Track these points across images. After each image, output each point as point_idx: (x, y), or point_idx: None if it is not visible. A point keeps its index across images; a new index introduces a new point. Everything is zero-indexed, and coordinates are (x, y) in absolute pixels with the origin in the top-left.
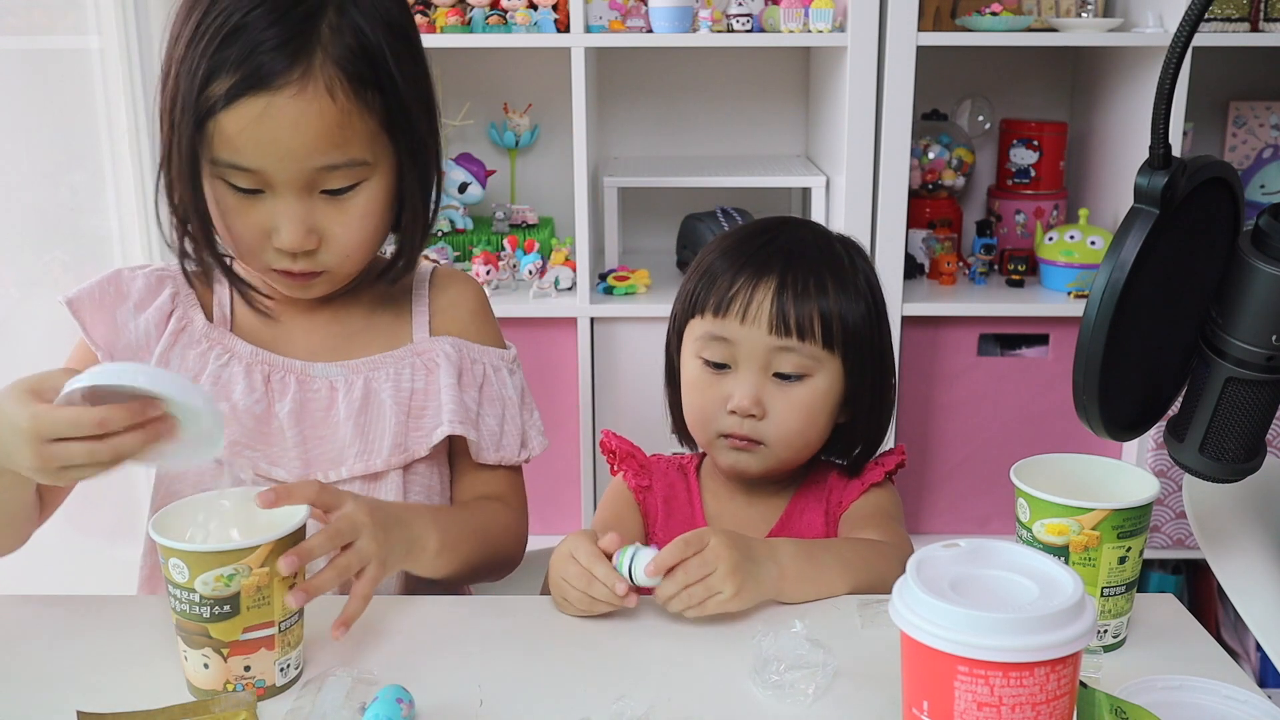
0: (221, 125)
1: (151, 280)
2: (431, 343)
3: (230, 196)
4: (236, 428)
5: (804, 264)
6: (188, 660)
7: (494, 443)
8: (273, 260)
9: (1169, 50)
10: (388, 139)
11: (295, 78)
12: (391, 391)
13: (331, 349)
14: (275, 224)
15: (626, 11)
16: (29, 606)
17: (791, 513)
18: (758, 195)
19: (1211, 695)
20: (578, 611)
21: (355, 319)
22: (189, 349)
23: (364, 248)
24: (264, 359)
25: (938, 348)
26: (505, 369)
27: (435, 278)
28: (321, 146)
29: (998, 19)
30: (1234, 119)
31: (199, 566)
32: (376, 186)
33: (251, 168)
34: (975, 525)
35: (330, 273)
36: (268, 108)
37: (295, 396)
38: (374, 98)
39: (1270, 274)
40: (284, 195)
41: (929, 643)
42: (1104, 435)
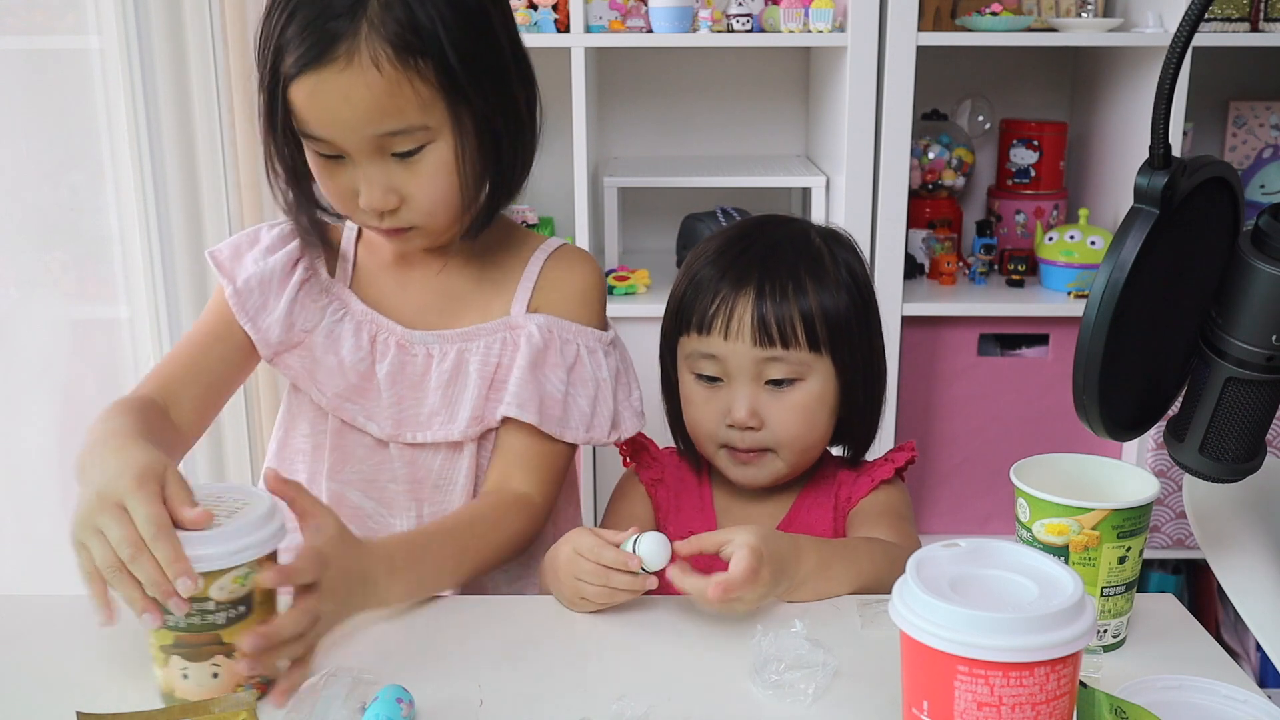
0: (293, 98)
1: (284, 230)
2: (524, 319)
3: (318, 162)
4: (341, 381)
5: (780, 267)
6: (188, 678)
7: (584, 422)
8: (363, 219)
9: (1169, 50)
10: (445, 102)
11: (342, 52)
12: (479, 364)
13: (433, 313)
14: (356, 186)
15: (626, 11)
16: (29, 606)
17: (799, 508)
18: (758, 195)
19: (1211, 695)
20: (595, 607)
21: (464, 280)
22: (311, 299)
23: (445, 203)
24: (372, 319)
25: (938, 348)
26: (601, 350)
27: (554, 254)
28: (375, 116)
29: (998, 19)
30: (1234, 119)
31: (214, 576)
32: (443, 148)
33: (321, 137)
34: (975, 525)
35: (420, 229)
36: (320, 83)
37: (394, 360)
38: (424, 64)
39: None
40: (359, 160)
41: (929, 643)
42: (1104, 435)
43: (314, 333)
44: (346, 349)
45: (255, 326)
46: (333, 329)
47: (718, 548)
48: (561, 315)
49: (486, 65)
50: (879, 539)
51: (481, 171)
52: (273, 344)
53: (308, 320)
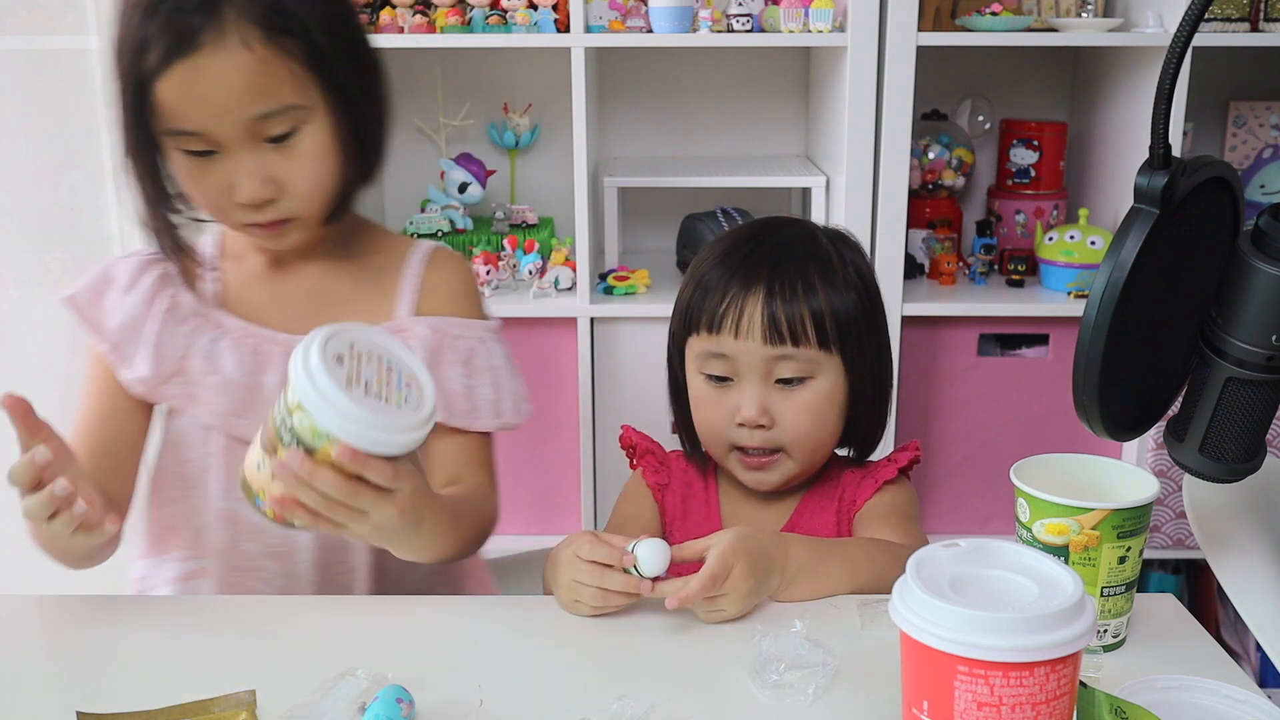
0: (159, 94)
1: (137, 264)
2: (411, 322)
3: (188, 162)
4: (228, 398)
5: (790, 267)
6: (257, 465)
7: (492, 409)
8: (240, 217)
9: (1169, 50)
10: (316, 81)
11: (209, 38)
12: None
13: (315, 317)
14: (232, 180)
15: (626, 11)
16: (29, 606)
17: (803, 511)
18: (758, 195)
19: (1211, 695)
20: (591, 609)
21: (341, 284)
22: (179, 326)
23: (321, 190)
24: (251, 332)
25: (938, 348)
26: (491, 339)
27: (431, 258)
28: (250, 97)
29: (998, 19)
30: (1234, 119)
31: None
32: (319, 128)
33: (194, 130)
34: (975, 525)
35: (298, 218)
36: (192, 70)
37: (280, 368)
38: (291, 44)
39: (1270, 274)
40: (234, 151)
41: (929, 643)
42: (1104, 435)
43: (189, 357)
44: (229, 366)
45: (130, 369)
46: (209, 350)
47: (700, 555)
48: (448, 314)
49: (350, 45)
50: (881, 539)
51: (352, 155)
52: (146, 380)
53: (178, 348)
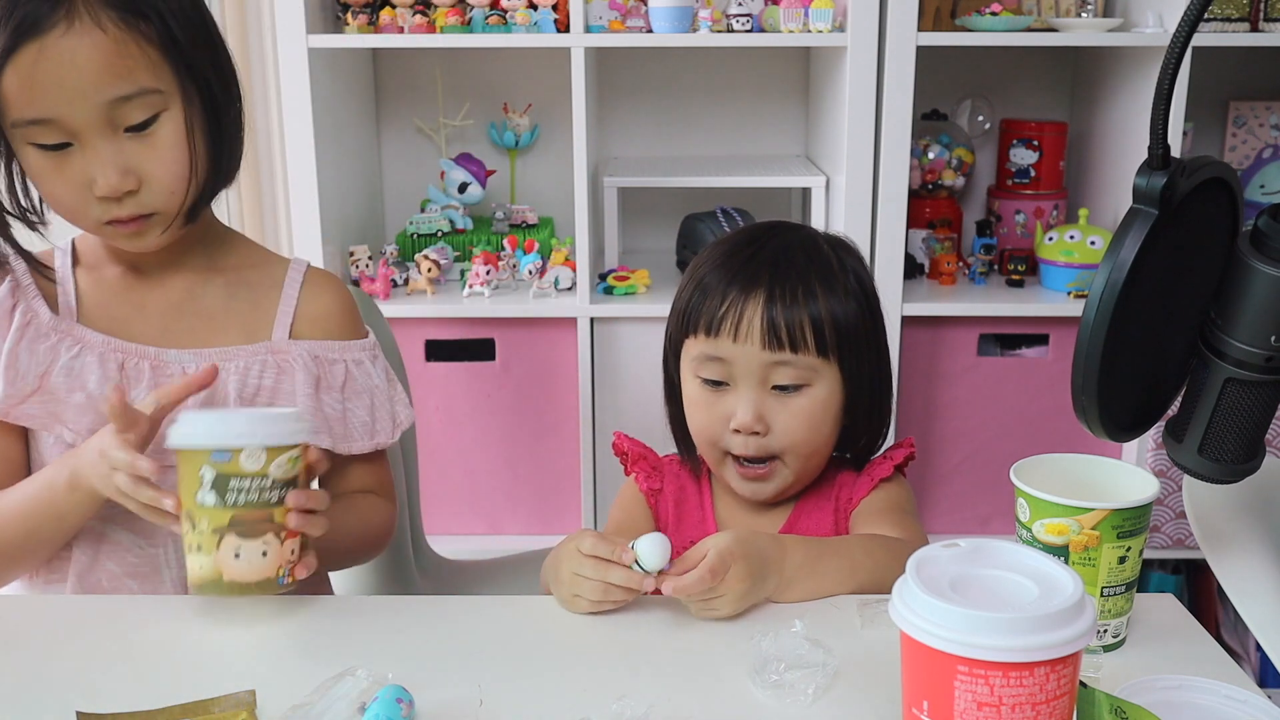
0: (7, 83)
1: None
2: (289, 345)
3: (40, 159)
4: (93, 416)
5: (791, 272)
6: (240, 557)
7: (366, 432)
8: (100, 214)
9: (1167, 52)
10: (171, 68)
11: (61, 18)
12: (237, 385)
13: (185, 332)
14: (90, 173)
15: (626, 11)
16: (29, 606)
17: (800, 513)
18: (758, 195)
19: (1211, 695)
20: (590, 604)
21: (213, 300)
22: (37, 343)
23: (182, 181)
24: (116, 346)
25: (938, 348)
26: (367, 360)
27: (307, 279)
28: (105, 78)
29: (998, 19)
30: (1234, 119)
31: (277, 452)
32: (176, 117)
33: (47, 117)
34: (975, 525)
35: (160, 214)
36: (41, 52)
37: (150, 382)
38: (146, 27)
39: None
40: (90, 141)
41: (929, 643)
42: (1103, 436)
43: (49, 375)
44: (93, 382)
45: None
46: (71, 366)
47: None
48: (326, 337)
49: (203, 33)
50: (878, 535)
51: (209, 145)
52: (2, 401)
53: (37, 365)
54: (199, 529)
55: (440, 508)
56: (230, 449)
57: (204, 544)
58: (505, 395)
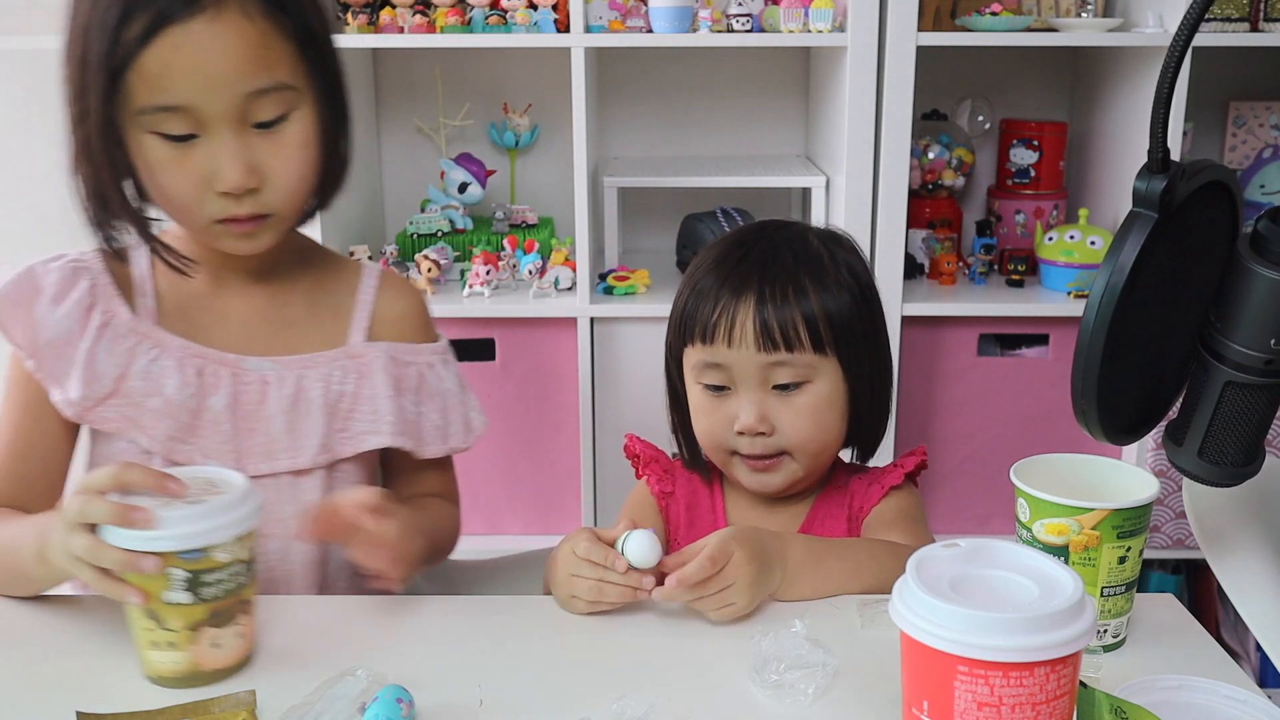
0: (143, 67)
1: (66, 272)
2: (366, 348)
3: (162, 149)
4: (170, 421)
5: (780, 272)
6: (220, 646)
7: (440, 436)
8: (216, 210)
9: (1167, 55)
10: (306, 66)
11: (209, 4)
12: (321, 392)
13: (265, 339)
14: (214, 167)
15: (626, 11)
16: (29, 606)
17: (813, 519)
18: (758, 195)
19: (1211, 695)
20: (588, 606)
21: (294, 308)
22: (116, 344)
23: (304, 183)
24: (195, 352)
25: (938, 348)
26: (440, 363)
27: (382, 283)
28: (248, 69)
29: (998, 19)
30: (1234, 119)
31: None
32: (306, 116)
33: (180, 104)
34: (975, 525)
35: (275, 215)
36: (186, 36)
37: (229, 390)
38: (287, 22)
39: (1269, 278)
40: (218, 133)
41: (929, 643)
42: (1102, 439)
43: (128, 378)
44: (171, 387)
45: (61, 390)
46: (149, 370)
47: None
48: (401, 339)
49: (331, 33)
50: (884, 540)
51: (330, 152)
52: (75, 403)
53: (114, 367)
54: (169, 627)
55: None
56: (203, 548)
57: (176, 641)
58: (505, 395)
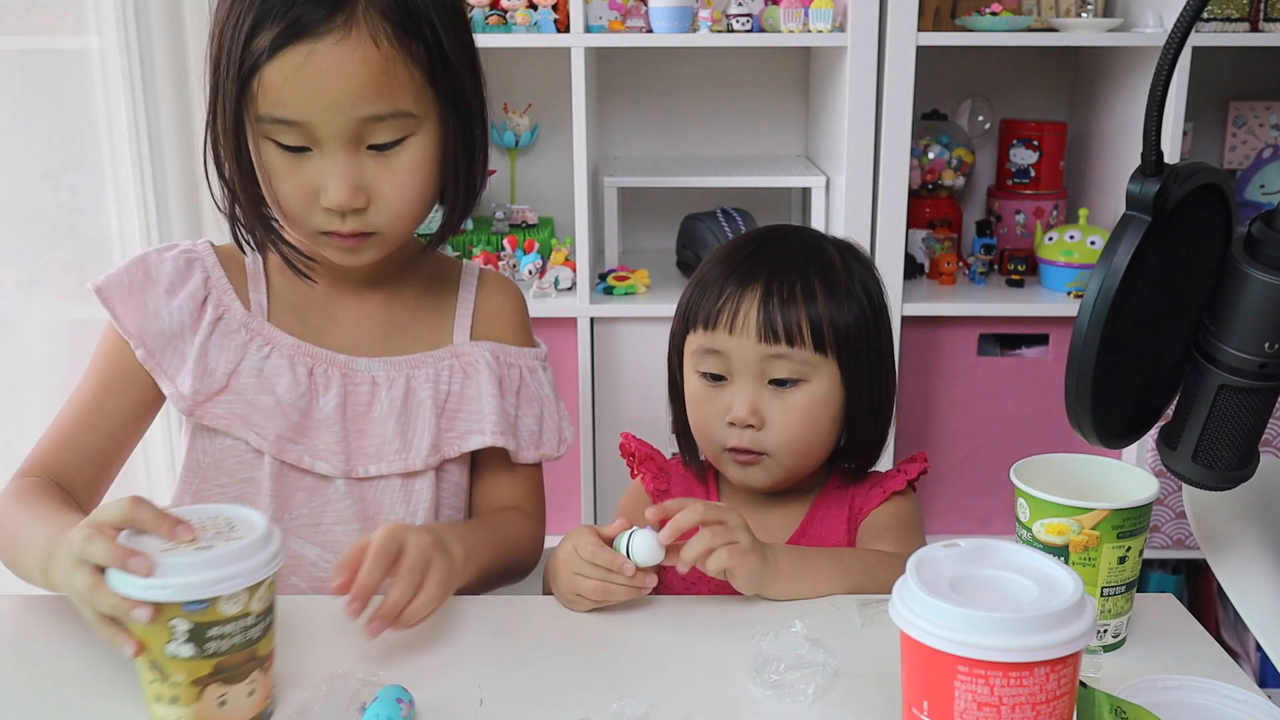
0: (266, 78)
1: (180, 263)
2: (471, 347)
3: (277, 156)
4: (281, 420)
5: (791, 270)
6: (226, 703)
7: (533, 442)
8: (321, 223)
9: (1159, 60)
10: (433, 93)
11: (338, 24)
12: (430, 392)
13: (375, 341)
14: (323, 182)
15: (626, 11)
16: (29, 606)
17: (812, 520)
18: (758, 195)
19: (1211, 695)
20: (591, 604)
21: (403, 310)
22: (228, 339)
23: (413, 207)
24: (306, 351)
25: (938, 348)
26: (540, 368)
27: (482, 281)
28: (366, 95)
29: (998, 19)
30: (1234, 119)
31: (256, 589)
32: (423, 143)
33: (297, 120)
34: (975, 525)
35: (381, 235)
36: (310, 55)
37: (340, 390)
38: (418, 49)
39: (1263, 281)
40: (331, 151)
41: (929, 643)
42: (1096, 443)
43: (239, 374)
44: (283, 386)
45: (173, 383)
46: (261, 367)
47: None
48: (503, 341)
49: (469, 56)
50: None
51: (454, 176)
52: (187, 396)
53: (226, 363)
54: (172, 681)
55: None
56: (207, 599)
57: (181, 696)
58: None
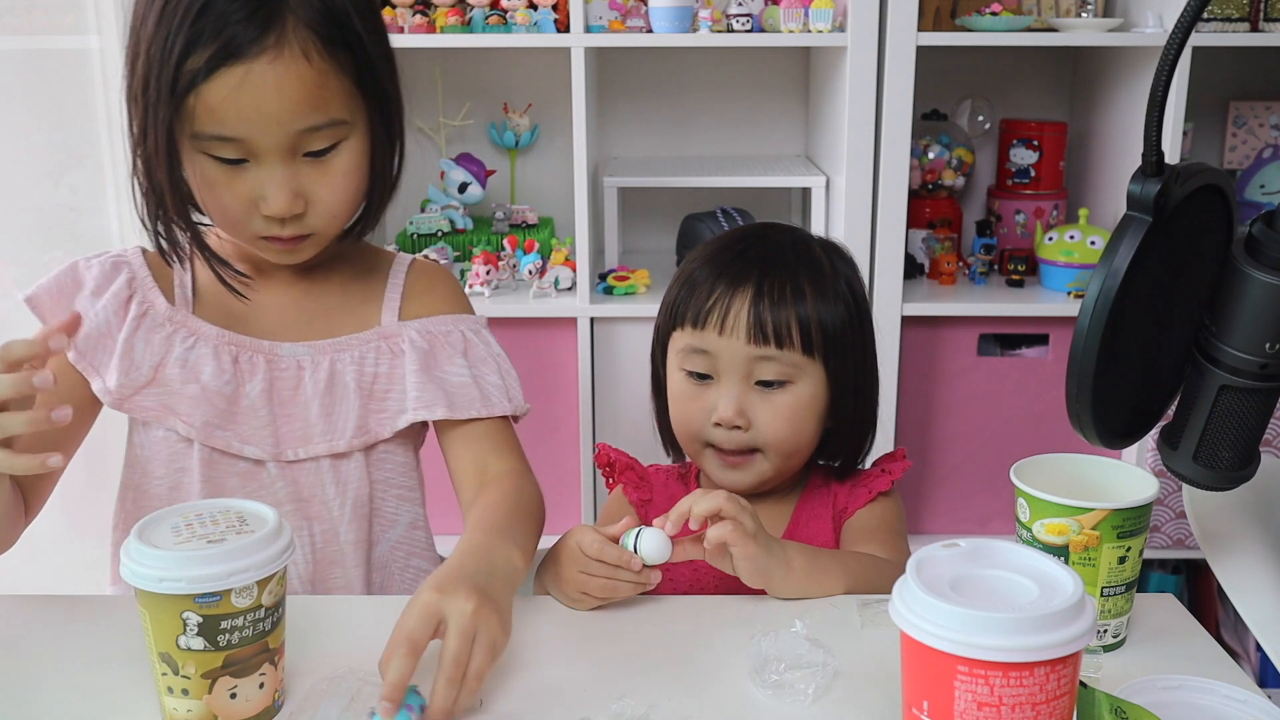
0: (203, 98)
1: (106, 266)
2: (399, 327)
3: (214, 170)
4: (207, 408)
5: (780, 271)
6: (236, 696)
7: (502, 394)
8: (261, 228)
9: (1160, 60)
10: (361, 98)
11: (270, 44)
12: (355, 374)
13: (301, 326)
14: (262, 192)
15: (626, 11)
16: (29, 606)
17: (798, 521)
18: (758, 195)
19: (1211, 695)
20: (595, 603)
21: (329, 296)
22: (153, 333)
23: (349, 207)
24: (230, 339)
25: (938, 348)
26: (484, 329)
27: (413, 267)
28: (303, 109)
29: (998, 19)
30: (1234, 119)
31: (267, 581)
32: (355, 146)
33: (236, 137)
34: (975, 525)
35: (317, 235)
36: (247, 75)
37: (265, 376)
38: (345, 58)
39: (1263, 281)
40: (268, 162)
41: (929, 643)
42: (1097, 443)
43: (165, 366)
44: (208, 374)
45: (101, 379)
46: (186, 358)
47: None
48: (435, 314)
49: (389, 58)
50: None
51: (381, 172)
52: (113, 391)
53: (152, 356)
54: (183, 674)
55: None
56: (218, 592)
57: (191, 689)
58: None
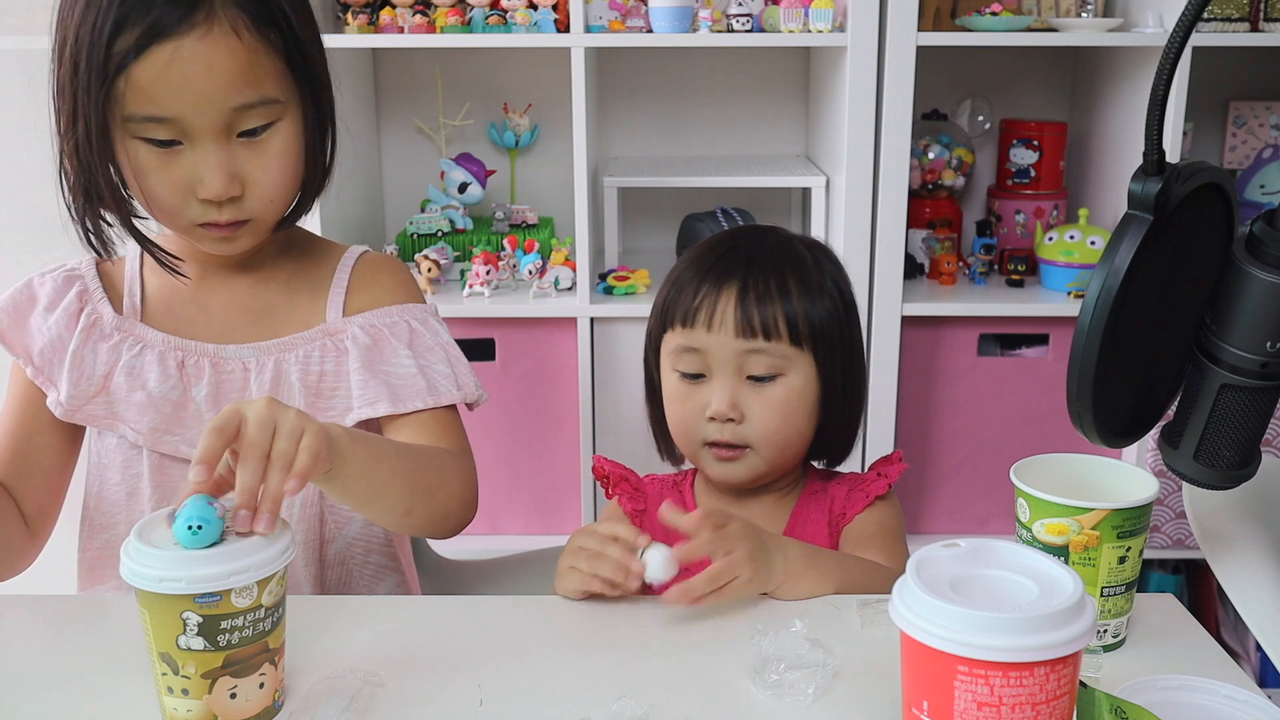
0: (134, 78)
1: (59, 281)
2: (343, 323)
3: (148, 154)
4: (154, 414)
5: (765, 267)
6: (236, 696)
7: (450, 382)
8: (198, 215)
9: (1161, 59)
10: (292, 79)
11: (200, 21)
12: (300, 373)
13: (247, 327)
14: (197, 175)
15: (626, 11)
16: (29, 606)
17: (795, 524)
18: (758, 195)
19: (1211, 695)
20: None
21: (274, 294)
22: (100, 343)
23: (285, 192)
24: (176, 344)
25: (938, 348)
26: (431, 318)
27: (360, 260)
28: (236, 85)
29: (998, 19)
30: (1234, 119)
31: (267, 581)
32: (289, 128)
33: (168, 116)
34: (975, 525)
35: (255, 221)
36: (176, 52)
37: (211, 379)
38: (275, 37)
39: (1265, 280)
40: (203, 144)
41: (929, 643)
42: (1097, 442)
43: (113, 375)
44: (153, 380)
45: (56, 391)
46: (133, 365)
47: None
48: (380, 305)
49: (318, 44)
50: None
51: (313, 158)
52: (64, 403)
53: (102, 366)
54: (183, 674)
55: None
56: (219, 592)
57: (191, 689)
58: (505, 395)
